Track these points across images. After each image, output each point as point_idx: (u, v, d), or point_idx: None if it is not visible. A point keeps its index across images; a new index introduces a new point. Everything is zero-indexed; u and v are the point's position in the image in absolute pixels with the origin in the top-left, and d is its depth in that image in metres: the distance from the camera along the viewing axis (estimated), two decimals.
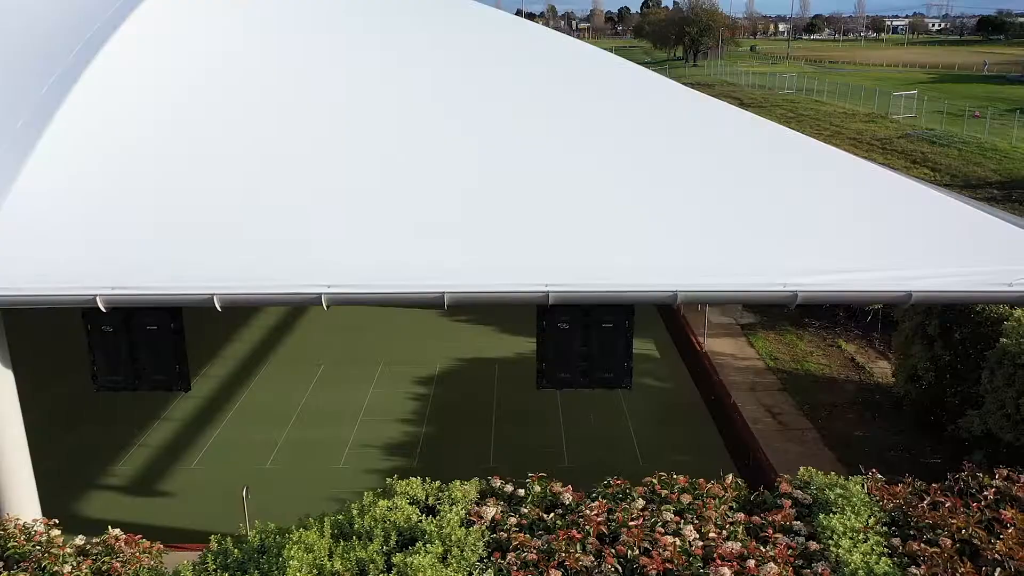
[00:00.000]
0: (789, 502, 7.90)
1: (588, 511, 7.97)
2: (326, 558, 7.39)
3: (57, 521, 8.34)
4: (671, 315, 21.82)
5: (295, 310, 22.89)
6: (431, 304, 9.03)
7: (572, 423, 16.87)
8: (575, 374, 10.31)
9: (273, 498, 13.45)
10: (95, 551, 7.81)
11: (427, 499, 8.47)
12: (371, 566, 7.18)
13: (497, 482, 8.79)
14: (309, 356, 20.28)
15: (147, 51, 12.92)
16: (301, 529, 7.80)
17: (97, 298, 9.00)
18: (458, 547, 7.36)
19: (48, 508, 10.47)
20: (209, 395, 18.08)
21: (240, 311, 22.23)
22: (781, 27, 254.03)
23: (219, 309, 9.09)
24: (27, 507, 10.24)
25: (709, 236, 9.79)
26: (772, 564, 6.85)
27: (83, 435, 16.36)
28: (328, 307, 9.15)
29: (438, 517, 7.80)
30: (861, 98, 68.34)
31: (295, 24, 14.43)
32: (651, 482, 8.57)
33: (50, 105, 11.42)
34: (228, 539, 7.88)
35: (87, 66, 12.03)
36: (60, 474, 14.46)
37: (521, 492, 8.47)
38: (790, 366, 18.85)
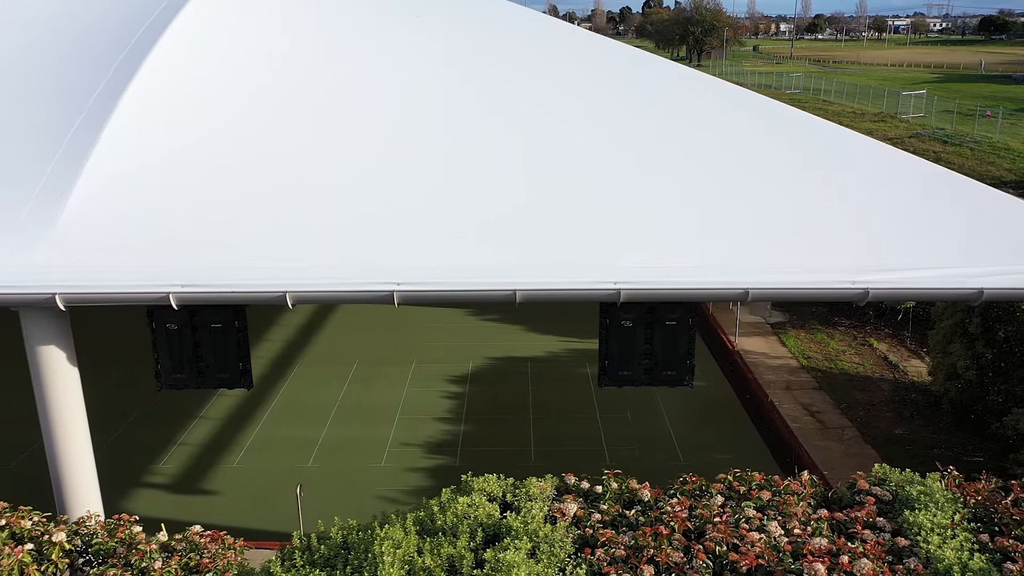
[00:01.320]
0: (872, 499, 7.93)
1: (669, 508, 8.00)
2: (415, 554, 7.42)
3: (138, 517, 8.36)
4: (701, 314, 21.84)
5: (323, 310, 22.94)
6: (502, 301, 9.05)
7: (609, 421, 16.91)
8: (637, 372, 10.31)
9: (318, 497, 13.49)
10: (179, 547, 7.83)
11: (504, 496, 8.49)
12: (464, 562, 7.21)
13: (572, 479, 8.81)
14: (341, 355, 20.30)
15: (197, 53, 12.94)
16: (386, 525, 7.82)
17: (170, 296, 9.03)
18: (547, 543, 7.38)
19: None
20: (244, 394, 18.06)
21: (269, 311, 22.26)
22: (783, 27, 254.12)
23: (291, 307, 9.13)
24: (91, 504, 10.26)
25: (775, 235, 9.81)
26: (865, 560, 6.87)
27: (123, 434, 16.39)
28: (399, 304, 9.17)
29: (522, 514, 7.82)
30: (869, 98, 68.41)
31: (339, 26, 14.45)
32: (727, 479, 8.60)
33: (105, 107, 11.46)
34: (313, 535, 7.91)
35: (137, 69, 12.06)
36: (103, 473, 14.46)
37: (598, 489, 8.49)
38: (823, 364, 18.89)
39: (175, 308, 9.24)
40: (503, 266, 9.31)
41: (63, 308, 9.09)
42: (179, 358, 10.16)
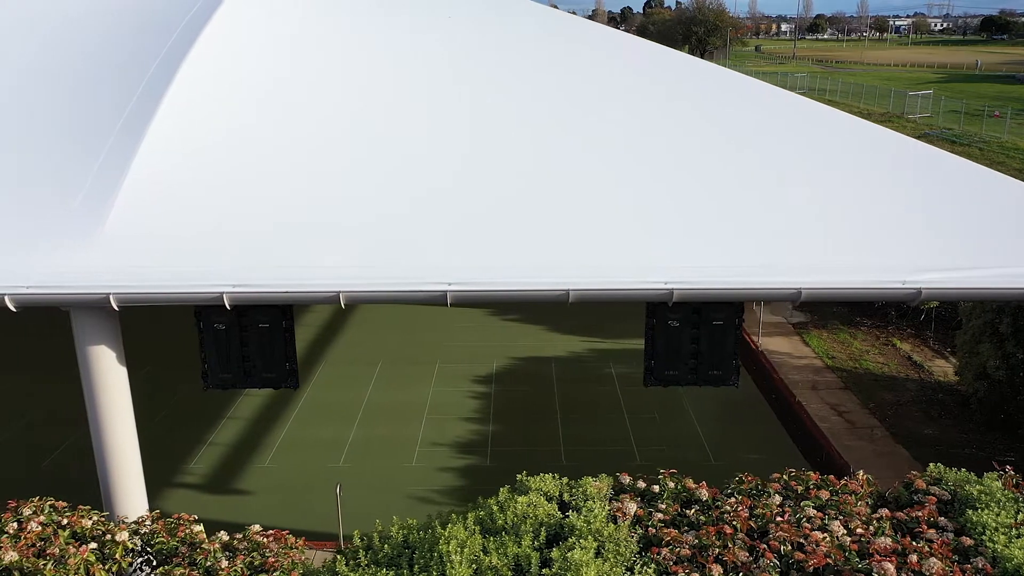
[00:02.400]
0: (933, 498, 7.94)
1: (728, 507, 8.02)
2: (481, 553, 7.44)
3: (197, 516, 8.38)
4: None
5: (343, 310, 22.93)
6: (554, 301, 9.07)
7: (637, 421, 16.93)
8: (684, 371, 10.34)
9: (351, 496, 13.48)
10: (241, 547, 7.85)
11: (561, 495, 8.51)
12: (531, 562, 7.22)
13: (627, 479, 8.83)
14: (364, 356, 20.31)
15: (234, 56, 12.97)
16: (448, 525, 7.83)
17: (223, 296, 9.04)
18: (612, 542, 7.40)
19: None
20: (271, 393, 18.07)
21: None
22: (783, 27, 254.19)
23: (343, 306, 9.15)
24: (137, 504, 10.29)
25: (821, 235, 9.83)
26: (934, 559, 6.89)
27: (151, 434, 16.36)
28: (451, 304, 9.19)
29: (583, 513, 7.84)
30: (875, 98, 68.44)
31: (373, 26, 14.48)
32: (782, 478, 8.62)
33: (147, 109, 11.49)
34: (375, 534, 7.93)
35: (176, 71, 12.08)
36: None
37: (655, 488, 8.51)
38: (848, 364, 18.91)
39: (227, 308, 9.25)
40: (554, 266, 9.32)
41: (116, 308, 9.10)
42: (226, 358, 10.19)
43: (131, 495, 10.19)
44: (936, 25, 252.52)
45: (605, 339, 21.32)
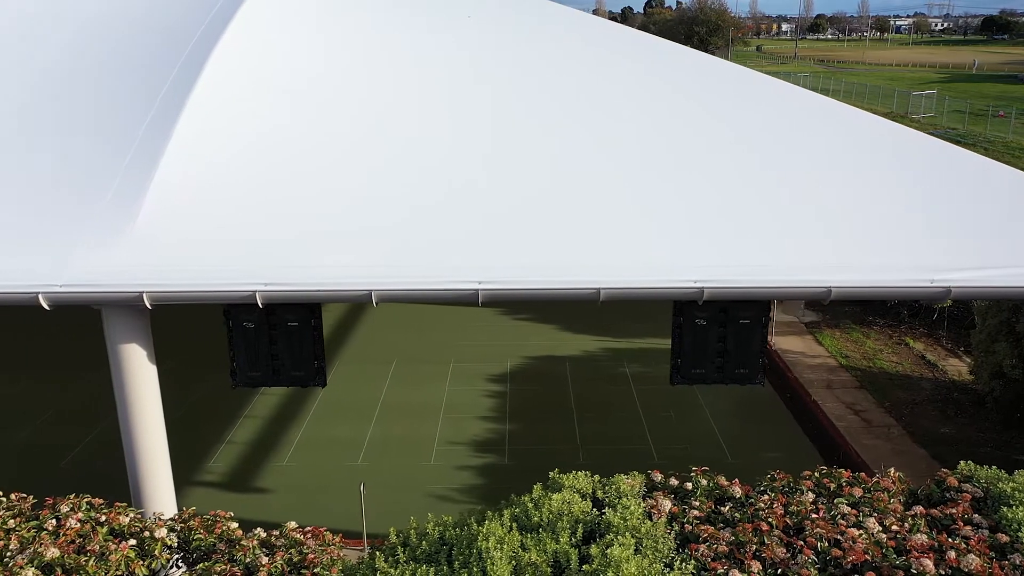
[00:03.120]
0: (968, 495, 7.99)
1: (763, 504, 8.06)
2: (519, 550, 7.48)
3: (233, 514, 8.43)
4: None
5: (356, 310, 23.00)
6: (585, 299, 9.11)
7: (653, 420, 16.98)
8: (710, 370, 10.38)
9: (371, 494, 13.49)
10: (279, 543, 7.90)
11: (595, 492, 8.55)
12: (571, 558, 7.26)
13: (659, 476, 8.88)
14: (378, 355, 20.35)
15: (257, 54, 13.01)
16: (485, 521, 7.87)
17: (256, 294, 9.09)
18: (650, 539, 7.44)
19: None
20: (287, 392, 18.13)
21: None
22: (784, 27, 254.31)
23: (375, 304, 9.20)
24: (166, 502, 10.33)
25: (846, 234, 9.88)
26: (972, 556, 6.93)
27: (169, 432, 16.41)
28: (482, 303, 9.24)
29: (619, 510, 7.88)
30: (878, 98, 68.53)
31: (394, 25, 14.53)
32: (813, 475, 8.67)
33: (173, 107, 11.53)
34: (412, 531, 7.97)
35: (201, 69, 12.12)
36: None
37: (688, 485, 8.56)
38: (862, 364, 18.96)
39: (260, 306, 9.29)
40: (583, 265, 9.37)
41: (149, 307, 9.14)
42: (255, 356, 10.23)
43: (160, 493, 10.23)
44: (937, 25, 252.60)
45: (618, 339, 21.37)
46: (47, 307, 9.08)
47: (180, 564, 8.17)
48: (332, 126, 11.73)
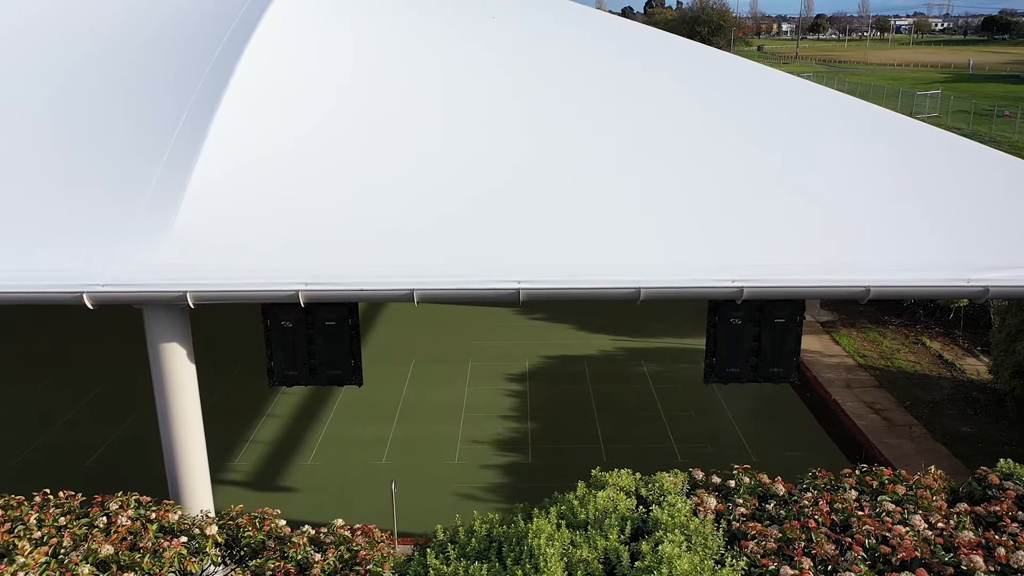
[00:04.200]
0: (1012, 493, 8.07)
1: (807, 501, 8.14)
2: (570, 547, 7.55)
3: (280, 511, 8.49)
4: None
5: (371, 310, 23.07)
6: (625, 299, 9.18)
7: (674, 419, 17.04)
8: (745, 369, 10.43)
9: (398, 493, 13.57)
10: (328, 540, 7.96)
11: (638, 490, 8.63)
12: (622, 555, 7.33)
13: (700, 474, 8.96)
14: (396, 355, 20.41)
15: (288, 53, 13.07)
16: (533, 519, 7.94)
17: (299, 294, 9.15)
18: (699, 536, 7.52)
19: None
20: (308, 392, 18.19)
21: None
22: (784, 27, 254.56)
23: (416, 304, 9.26)
24: (203, 500, 10.39)
25: (881, 234, 9.95)
26: (1022, 552, 7.01)
27: None
28: (522, 302, 9.30)
29: (666, 507, 7.96)
30: (882, 98, 68.52)
31: (424, 25, 14.59)
32: (854, 473, 8.75)
33: (207, 107, 11.57)
34: (460, 528, 8.04)
35: (233, 69, 12.16)
36: None
37: (731, 483, 8.64)
38: (880, 363, 19.04)
39: (302, 306, 9.36)
40: (621, 265, 9.43)
41: (192, 306, 9.20)
42: (292, 355, 10.29)
43: (198, 491, 10.29)
44: (937, 25, 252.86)
45: (634, 338, 21.44)
46: (91, 306, 9.14)
47: (227, 561, 8.23)
48: (365, 127, 11.79)
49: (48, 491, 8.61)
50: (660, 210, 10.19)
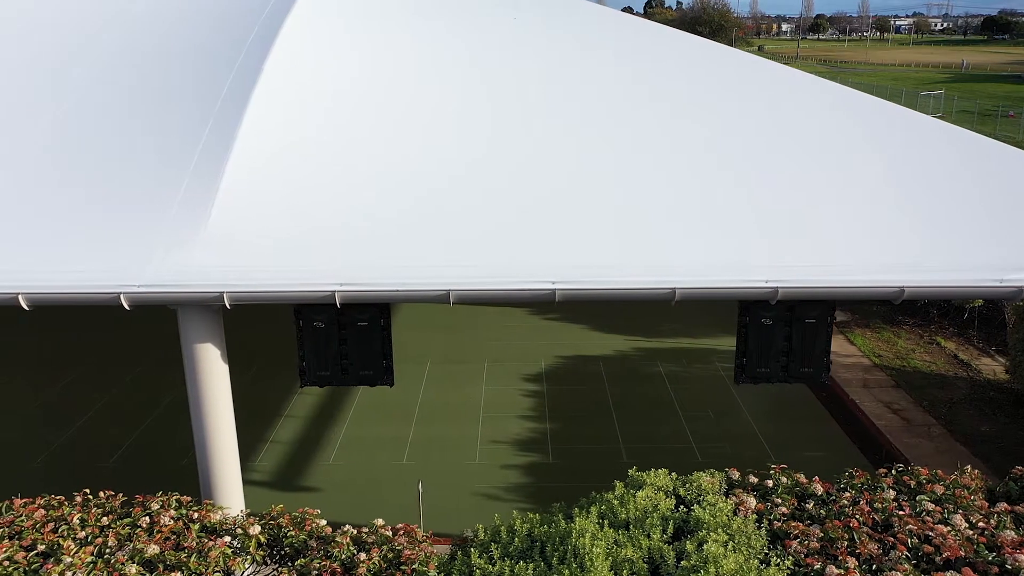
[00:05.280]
0: None
1: (846, 501, 8.17)
2: (614, 546, 7.58)
3: (320, 511, 8.53)
4: None
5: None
6: (660, 300, 9.21)
7: (692, 419, 17.07)
8: (775, 369, 10.48)
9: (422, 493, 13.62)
10: (370, 539, 7.99)
11: (676, 490, 8.66)
12: (664, 554, 7.36)
13: (736, 474, 9.00)
14: (411, 355, 20.41)
15: (316, 52, 13.10)
16: (575, 518, 7.97)
17: (335, 294, 9.19)
18: (742, 535, 7.55)
19: None
20: (326, 392, 18.22)
21: None
22: (784, 27, 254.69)
23: (451, 304, 9.29)
24: (235, 501, 10.42)
25: (914, 232, 9.99)
26: None
27: None
28: (558, 302, 9.33)
29: (707, 507, 7.99)
30: (886, 98, 68.46)
31: (443, 26, 14.63)
32: (890, 473, 8.79)
33: (236, 106, 11.61)
34: (502, 528, 8.07)
35: (260, 70, 12.20)
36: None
37: (769, 483, 8.67)
38: (895, 363, 19.08)
39: (338, 306, 9.39)
40: (657, 266, 9.47)
41: (229, 307, 9.23)
42: (324, 355, 10.33)
43: (231, 491, 10.32)
44: (937, 25, 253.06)
45: (648, 339, 21.48)
46: (128, 307, 9.17)
47: (267, 561, 8.26)
48: (392, 128, 11.82)
49: (88, 491, 8.63)
50: (693, 211, 10.22)
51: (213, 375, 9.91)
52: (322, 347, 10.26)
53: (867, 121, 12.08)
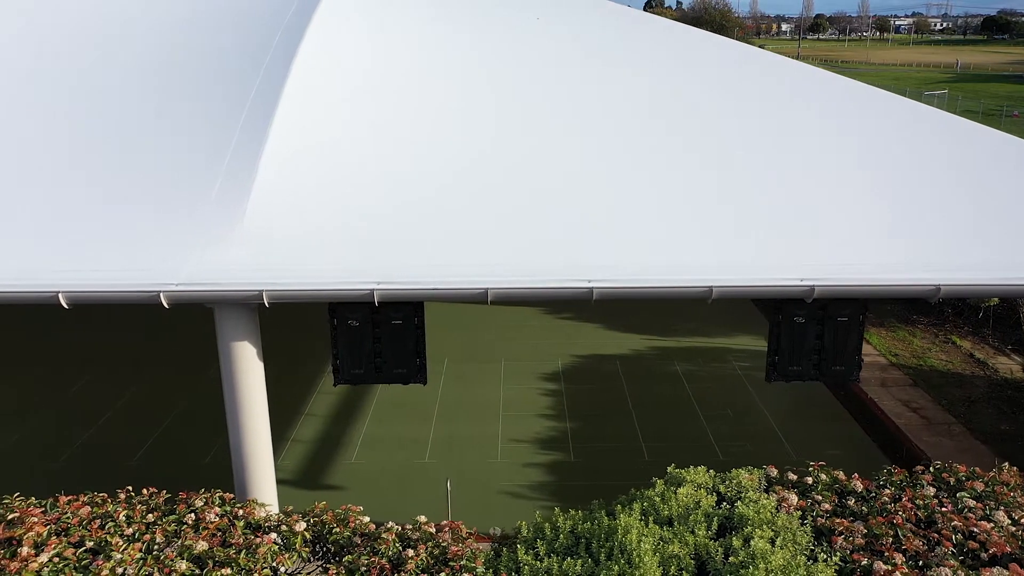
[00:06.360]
0: None
1: (886, 498, 8.22)
2: (660, 542, 7.62)
3: (363, 508, 8.56)
4: None
5: None
6: (696, 297, 9.26)
7: (711, 418, 17.12)
8: (807, 367, 10.53)
9: (444, 492, 13.66)
10: (415, 536, 8.03)
11: (715, 487, 8.70)
12: (710, 550, 7.41)
13: (774, 471, 9.04)
14: (429, 354, 20.35)
15: (343, 50, 13.14)
16: (620, 515, 8.01)
17: (374, 292, 9.22)
18: (787, 532, 7.60)
19: None
20: (342, 391, 18.26)
21: None
22: (783, 27, 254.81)
23: (489, 302, 9.33)
24: (269, 499, 10.45)
25: (950, 233, 10.04)
26: None
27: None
28: (596, 301, 9.37)
29: (749, 504, 8.03)
30: None
31: (468, 26, 14.68)
32: (928, 470, 8.83)
33: (267, 104, 11.66)
34: (546, 525, 8.11)
35: (290, 66, 12.24)
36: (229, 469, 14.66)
37: (808, 480, 8.72)
38: (912, 362, 19.13)
39: (376, 305, 9.43)
40: (695, 265, 9.52)
41: (268, 305, 9.27)
42: (359, 354, 10.37)
43: (266, 489, 10.35)
44: (936, 25, 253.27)
45: (664, 338, 21.53)
46: (167, 305, 9.20)
47: (311, 558, 8.30)
48: (425, 125, 11.87)
49: (131, 488, 8.67)
50: (724, 210, 10.27)
51: (249, 373, 9.95)
52: (356, 345, 10.30)
53: (892, 118, 12.14)
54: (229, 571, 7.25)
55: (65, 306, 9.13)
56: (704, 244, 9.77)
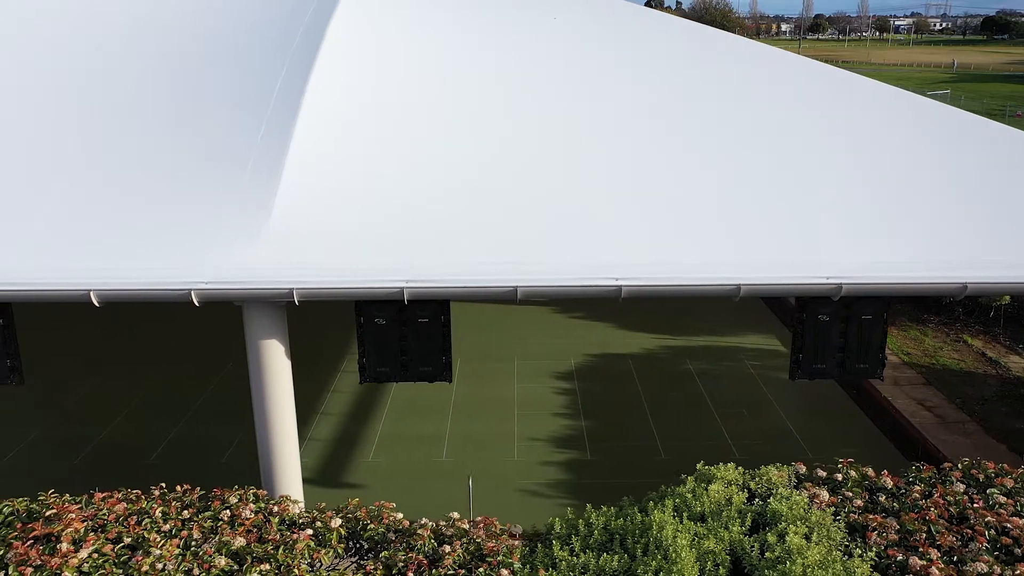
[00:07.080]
0: None
1: (917, 494, 8.27)
2: (695, 538, 7.67)
3: (395, 504, 8.61)
4: (788, 311, 22.14)
5: None
6: (724, 296, 9.31)
7: (725, 416, 17.18)
8: (831, 365, 10.58)
9: (464, 489, 13.68)
10: (449, 533, 8.07)
11: (745, 484, 8.75)
12: (745, 547, 7.46)
13: (803, 468, 9.09)
14: None
15: (363, 49, 13.19)
16: (653, 512, 8.06)
17: (404, 291, 9.27)
18: (821, 528, 7.65)
19: None
20: (355, 390, 18.32)
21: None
22: (783, 27, 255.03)
23: (518, 300, 9.38)
24: (295, 495, 10.49)
25: (978, 230, 10.09)
26: None
27: (250, 429, 16.57)
28: (622, 299, 9.41)
29: (781, 500, 8.09)
30: None
31: (478, 27, 14.74)
32: (957, 467, 8.88)
33: (290, 104, 11.70)
34: (580, 521, 8.16)
35: (312, 67, 12.28)
36: (251, 467, 14.67)
37: (838, 476, 8.77)
38: (924, 361, 19.19)
39: (406, 303, 9.48)
40: (717, 263, 9.57)
41: (298, 303, 9.32)
42: (385, 352, 10.41)
43: (293, 486, 10.40)
44: (936, 25, 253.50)
45: (675, 336, 21.60)
46: (197, 303, 9.25)
47: (344, 555, 8.34)
48: (451, 122, 11.92)
49: (164, 485, 8.72)
50: (748, 208, 10.32)
51: (278, 371, 10.00)
52: (383, 343, 10.34)
53: (914, 118, 12.20)
54: (267, 567, 7.30)
55: (96, 304, 9.17)
56: (728, 243, 9.81)
